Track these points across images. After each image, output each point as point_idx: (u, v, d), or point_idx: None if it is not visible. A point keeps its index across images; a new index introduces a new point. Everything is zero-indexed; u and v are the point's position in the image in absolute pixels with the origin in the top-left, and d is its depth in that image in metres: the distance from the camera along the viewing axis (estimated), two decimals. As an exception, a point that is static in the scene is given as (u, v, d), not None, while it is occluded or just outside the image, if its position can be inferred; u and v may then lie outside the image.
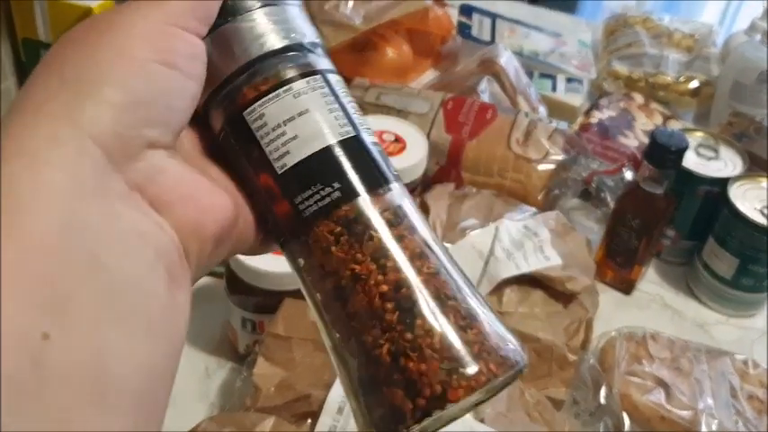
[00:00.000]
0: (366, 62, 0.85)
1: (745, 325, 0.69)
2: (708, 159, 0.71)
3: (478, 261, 0.58)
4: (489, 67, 0.84)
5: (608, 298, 0.69)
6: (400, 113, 0.73)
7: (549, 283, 0.57)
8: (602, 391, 0.55)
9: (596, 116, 0.88)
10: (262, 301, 0.55)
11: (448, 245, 0.60)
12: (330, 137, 0.26)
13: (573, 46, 1.01)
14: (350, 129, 0.27)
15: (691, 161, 0.70)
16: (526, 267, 0.57)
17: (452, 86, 0.82)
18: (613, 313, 0.68)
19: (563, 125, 0.75)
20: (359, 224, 0.26)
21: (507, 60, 0.85)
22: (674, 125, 0.87)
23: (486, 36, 0.98)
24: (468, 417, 0.48)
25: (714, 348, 0.59)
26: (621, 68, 0.96)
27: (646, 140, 0.84)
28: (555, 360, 0.55)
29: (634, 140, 0.85)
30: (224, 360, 0.60)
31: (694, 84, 0.94)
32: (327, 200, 0.26)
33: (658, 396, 0.54)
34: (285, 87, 0.26)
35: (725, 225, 0.66)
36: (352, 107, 0.27)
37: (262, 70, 0.26)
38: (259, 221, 0.27)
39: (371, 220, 0.26)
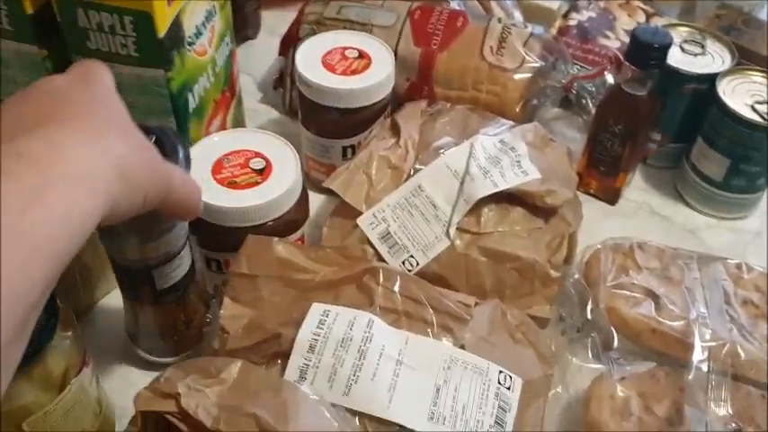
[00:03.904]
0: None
1: (738, 227, 0.67)
2: (694, 55, 0.67)
3: (454, 181, 0.55)
4: (459, -28, 0.78)
5: (593, 209, 0.66)
6: (364, 27, 0.68)
7: (529, 198, 0.54)
8: (589, 307, 0.52)
9: (575, 18, 0.83)
10: (223, 238, 0.52)
11: (421, 167, 0.57)
12: None
13: (548, -56, 0.94)
14: None
15: (676, 58, 0.65)
16: (504, 184, 0.53)
17: (420, -5, 0.77)
18: (599, 225, 0.65)
19: (539, 29, 0.70)
20: None
21: (478, -37, 0.79)
22: (658, 22, 0.82)
23: (456, -61, 0.91)
24: (447, 344, 0.45)
25: (705, 254, 0.56)
26: (601, -35, 0.90)
27: (628, 41, 0.79)
28: (537, 278, 0.52)
29: (616, 41, 0.81)
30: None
31: (678, -24, 0.88)
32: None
33: (648, 308, 0.51)
34: None
35: (714, 124, 0.63)
36: None
37: None
38: None
39: None
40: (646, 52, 0.59)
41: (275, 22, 0.82)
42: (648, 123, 0.63)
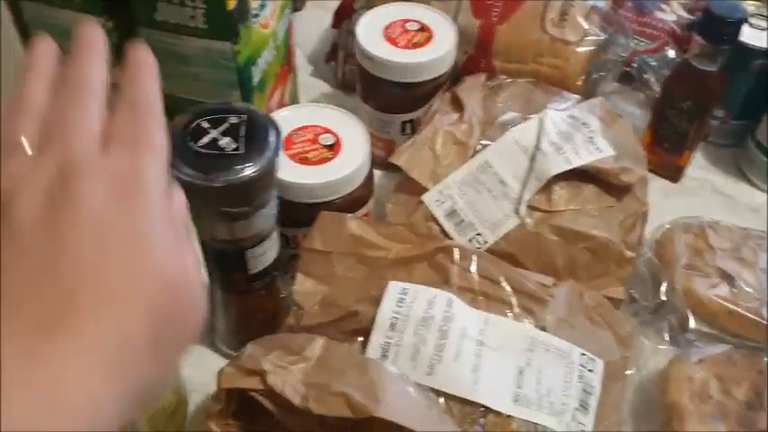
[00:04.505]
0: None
1: (804, 207, 0.65)
2: (761, 30, 0.65)
3: (523, 158, 0.54)
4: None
5: (654, 186, 0.64)
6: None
7: (603, 176, 0.53)
8: (663, 288, 0.51)
9: (630, -10, 0.80)
10: (293, 214, 0.51)
11: (487, 142, 0.56)
12: None
13: None
14: None
15: (744, 33, 0.63)
16: (578, 161, 0.52)
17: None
18: (661, 203, 0.64)
19: (600, 2, 0.68)
20: None
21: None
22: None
23: None
24: (528, 325, 0.45)
25: (778, 235, 0.56)
26: (654, -65, 0.88)
27: (684, 14, 0.78)
28: (611, 258, 0.51)
29: (672, 15, 0.78)
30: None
31: (735, -53, 0.86)
32: None
33: (724, 290, 0.51)
34: None
35: (783, 101, 0.61)
36: None
37: None
38: None
39: None
40: (719, 26, 0.57)
41: (322, -7, 0.81)
42: (717, 100, 0.61)
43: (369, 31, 0.61)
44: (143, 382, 0.26)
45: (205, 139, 0.40)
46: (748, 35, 0.64)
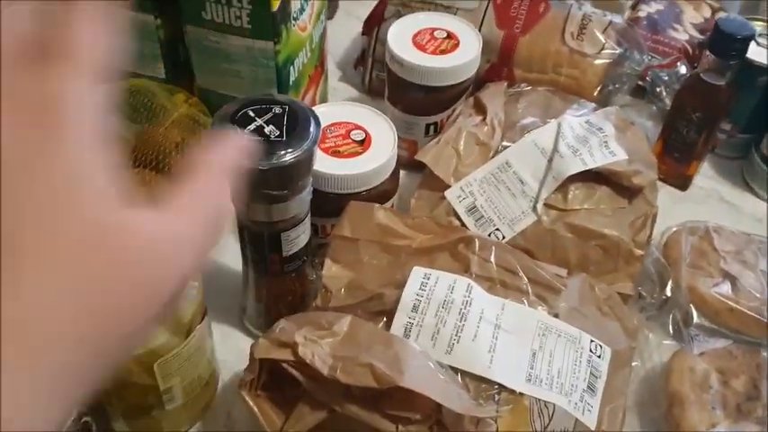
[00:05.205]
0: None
1: (806, 218, 0.68)
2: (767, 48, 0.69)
3: (541, 159, 0.57)
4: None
5: (663, 194, 0.68)
6: (448, 10, 0.70)
7: (616, 178, 0.56)
8: (669, 285, 0.55)
9: (644, 10, 0.84)
10: (323, 204, 0.54)
11: (508, 144, 0.59)
12: None
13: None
14: None
15: (751, 51, 0.67)
16: (593, 163, 0.56)
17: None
18: (670, 209, 0.67)
19: (618, 18, 0.72)
20: None
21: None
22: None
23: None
24: (543, 313, 0.48)
25: (779, 241, 0.59)
26: (670, -43, 0.91)
27: (695, 34, 0.81)
28: (621, 255, 0.55)
29: (684, 34, 0.82)
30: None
31: (747, -29, 0.90)
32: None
33: (726, 288, 0.54)
34: None
35: (789, 117, 0.65)
36: None
37: None
38: None
39: None
40: (728, 43, 0.61)
41: (352, 4, 0.85)
42: (725, 113, 0.65)
43: (399, 38, 0.64)
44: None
45: (251, 126, 0.43)
46: (756, 53, 0.67)
